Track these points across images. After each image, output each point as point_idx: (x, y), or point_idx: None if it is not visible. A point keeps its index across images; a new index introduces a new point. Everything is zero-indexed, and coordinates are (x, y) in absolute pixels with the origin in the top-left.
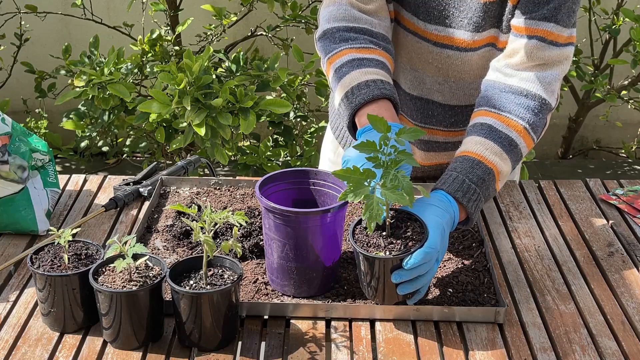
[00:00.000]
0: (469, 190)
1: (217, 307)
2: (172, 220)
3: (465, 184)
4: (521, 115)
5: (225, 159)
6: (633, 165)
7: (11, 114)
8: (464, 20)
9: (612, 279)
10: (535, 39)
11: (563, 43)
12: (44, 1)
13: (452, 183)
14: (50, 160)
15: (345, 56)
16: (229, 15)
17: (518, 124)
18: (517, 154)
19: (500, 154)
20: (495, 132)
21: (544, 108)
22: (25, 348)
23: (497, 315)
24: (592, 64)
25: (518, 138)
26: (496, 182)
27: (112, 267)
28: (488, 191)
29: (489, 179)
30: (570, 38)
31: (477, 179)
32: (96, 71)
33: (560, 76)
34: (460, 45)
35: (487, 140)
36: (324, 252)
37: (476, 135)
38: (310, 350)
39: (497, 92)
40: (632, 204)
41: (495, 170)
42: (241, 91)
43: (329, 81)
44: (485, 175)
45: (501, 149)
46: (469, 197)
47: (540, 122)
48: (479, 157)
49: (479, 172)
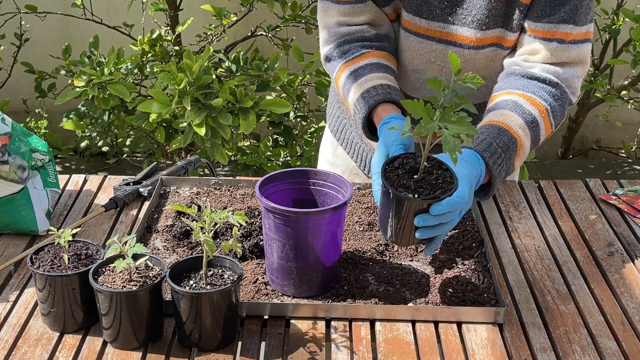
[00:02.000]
0: (496, 153)
1: (217, 307)
2: (172, 220)
3: (493, 147)
4: (544, 97)
5: (225, 159)
6: (633, 165)
7: (11, 114)
8: (467, 18)
9: (612, 279)
10: (555, 41)
11: (580, 40)
12: (44, 1)
13: (480, 143)
14: (50, 160)
15: (344, 73)
16: (229, 15)
17: (541, 104)
18: (537, 135)
19: (524, 129)
20: (520, 107)
21: (565, 97)
22: (25, 348)
23: (497, 315)
24: (592, 64)
25: (540, 118)
26: (517, 156)
27: (112, 267)
28: (510, 161)
29: (512, 148)
30: (587, 34)
31: (503, 145)
32: (96, 71)
33: (581, 74)
34: (464, 42)
35: (512, 113)
36: (324, 252)
37: (501, 108)
38: (310, 350)
39: (519, 77)
40: (632, 204)
41: (519, 142)
42: (241, 91)
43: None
44: (510, 143)
45: (525, 124)
46: (495, 160)
47: (560, 110)
48: (505, 126)
49: (505, 139)
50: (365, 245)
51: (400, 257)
